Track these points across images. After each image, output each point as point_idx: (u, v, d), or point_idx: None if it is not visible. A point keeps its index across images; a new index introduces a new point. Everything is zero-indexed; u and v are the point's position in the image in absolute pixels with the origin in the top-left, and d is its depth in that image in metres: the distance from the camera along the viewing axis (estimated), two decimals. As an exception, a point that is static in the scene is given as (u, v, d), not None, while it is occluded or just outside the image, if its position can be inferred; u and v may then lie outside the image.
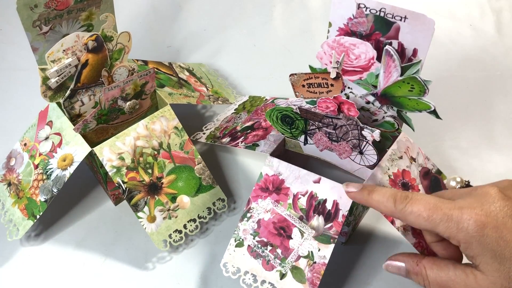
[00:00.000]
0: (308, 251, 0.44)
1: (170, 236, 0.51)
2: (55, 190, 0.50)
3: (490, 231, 0.33)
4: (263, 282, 0.45)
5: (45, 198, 0.50)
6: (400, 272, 0.40)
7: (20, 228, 0.52)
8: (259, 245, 0.46)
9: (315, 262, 0.44)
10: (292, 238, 0.45)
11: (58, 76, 0.50)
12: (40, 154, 0.52)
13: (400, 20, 0.42)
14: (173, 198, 0.52)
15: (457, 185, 0.41)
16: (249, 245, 0.46)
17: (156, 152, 0.52)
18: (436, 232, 0.35)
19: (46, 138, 0.53)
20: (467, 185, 0.42)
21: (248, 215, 0.47)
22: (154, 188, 0.51)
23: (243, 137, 0.56)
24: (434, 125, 0.65)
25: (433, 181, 0.49)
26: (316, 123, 0.50)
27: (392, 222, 0.44)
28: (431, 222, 0.35)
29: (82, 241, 0.55)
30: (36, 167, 0.52)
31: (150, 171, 0.51)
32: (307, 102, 0.50)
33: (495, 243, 0.33)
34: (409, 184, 0.47)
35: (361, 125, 0.46)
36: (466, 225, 0.33)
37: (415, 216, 0.35)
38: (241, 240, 0.47)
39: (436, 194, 0.39)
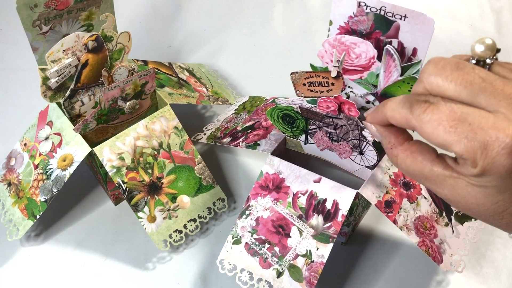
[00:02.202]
0: (306, 250, 0.44)
1: (170, 236, 0.51)
2: (55, 190, 0.50)
3: None
4: (260, 280, 0.45)
5: (45, 198, 0.50)
6: (376, 137, 0.33)
7: (20, 228, 0.52)
8: (257, 243, 0.46)
9: (313, 261, 0.44)
10: (290, 237, 0.45)
11: (58, 76, 0.50)
12: (40, 154, 0.52)
13: (400, 19, 0.42)
14: (173, 198, 0.52)
15: (484, 54, 0.28)
16: (246, 243, 0.46)
17: (156, 152, 0.52)
18: (451, 150, 0.26)
19: (46, 138, 0.53)
20: (495, 56, 0.29)
21: (247, 212, 0.47)
22: (154, 188, 0.51)
23: (244, 137, 0.56)
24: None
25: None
26: (317, 122, 0.50)
27: (394, 222, 0.44)
28: (451, 136, 0.26)
29: (82, 241, 0.55)
30: (36, 167, 0.52)
31: (150, 171, 0.51)
32: (307, 102, 0.50)
33: None
34: (411, 183, 0.47)
35: (362, 125, 0.46)
36: (495, 155, 0.25)
37: (433, 126, 0.26)
38: (238, 237, 0.47)
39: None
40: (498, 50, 0.28)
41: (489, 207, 0.27)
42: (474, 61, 0.28)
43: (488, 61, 0.28)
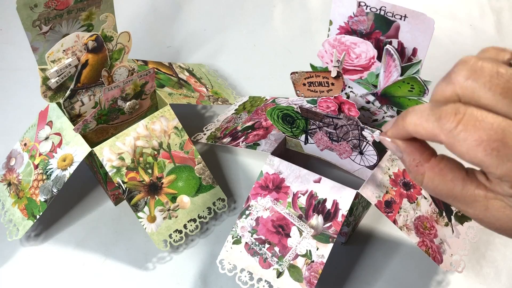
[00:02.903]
0: (306, 250, 0.44)
1: (170, 236, 0.51)
2: (55, 190, 0.50)
3: None
4: (260, 280, 0.45)
5: (45, 198, 0.50)
6: (396, 154, 0.29)
7: (20, 228, 0.52)
8: (257, 243, 0.46)
9: (313, 261, 0.44)
10: (290, 237, 0.45)
11: (58, 76, 0.50)
12: (40, 154, 0.52)
13: (400, 19, 0.42)
14: (173, 198, 0.52)
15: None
16: (246, 243, 0.46)
17: (156, 152, 0.52)
18: (489, 171, 0.24)
19: (46, 138, 0.53)
20: None
21: (247, 212, 0.47)
22: (154, 188, 0.51)
23: (244, 137, 0.56)
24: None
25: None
26: (317, 122, 0.50)
27: (394, 222, 0.44)
28: (493, 159, 0.23)
29: (82, 241, 0.55)
30: (36, 167, 0.52)
31: (150, 171, 0.51)
32: (307, 102, 0.50)
33: None
34: (411, 183, 0.47)
35: (362, 125, 0.46)
36: None
37: (470, 146, 0.23)
38: (238, 237, 0.47)
39: None
40: None
41: None
42: None
43: None
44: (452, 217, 0.50)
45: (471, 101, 0.23)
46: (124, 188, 0.50)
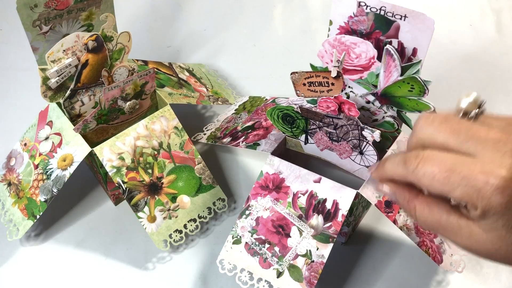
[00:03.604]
0: (306, 250, 0.44)
1: (170, 236, 0.51)
2: (55, 190, 0.50)
3: None
4: (260, 280, 0.45)
5: (45, 198, 0.50)
6: (391, 198, 0.35)
7: (20, 228, 0.52)
8: (257, 243, 0.46)
9: (313, 261, 0.44)
10: (290, 237, 0.45)
11: (58, 76, 0.50)
12: (40, 154, 0.52)
13: (400, 19, 0.42)
14: (173, 198, 0.52)
15: (470, 107, 0.31)
16: (246, 243, 0.46)
17: (156, 152, 0.52)
18: (451, 197, 0.29)
19: (46, 138, 0.53)
20: (480, 109, 0.31)
21: (247, 212, 0.47)
22: (154, 188, 0.51)
23: (244, 137, 0.56)
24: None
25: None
26: (317, 122, 0.50)
27: (394, 222, 0.44)
28: (447, 186, 0.28)
29: (82, 241, 0.55)
30: (36, 167, 0.52)
31: (150, 171, 0.51)
32: (308, 102, 0.50)
33: None
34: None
35: (362, 125, 0.46)
36: (490, 196, 0.27)
37: (429, 179, 0.29)
38: (238, 237, 0.47)
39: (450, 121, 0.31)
40: (482, 103, 0.31)
41: (507, 249, 0.28)
42: (461, 115, 0.31)
43: (473, 113, 0.30)
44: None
45: (430, 144, 0.30)
46: (124, 188, 0.50)
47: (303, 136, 0.52)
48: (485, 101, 0.31)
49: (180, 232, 0.52)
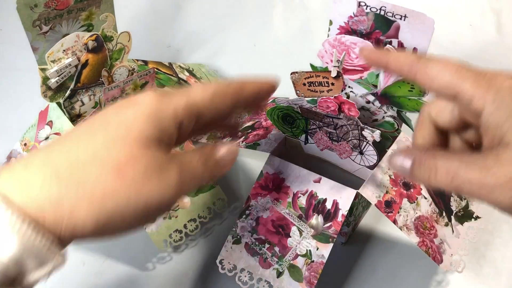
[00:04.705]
0: (306, 250, 0.44)
1: (170, 236, 0.51)
2: (55, 190, 0.50)
3: None
4: (260, 280, 0.45)
5: (45, 198, 0.50)
6: (404, 166, 0.31)
7: (20, 228, 0.52)
8: (257, 243, 0.46)
9: (313, 261, 0.44)
10: (290, 237, 0.45)
11: (58, 76, 0.50)
12: (40, 154, 0.52)
13: (400, 19, 0.42)
14: (173, 198, 0.52)
15: None
16: (246, 243, 0.46)
17: (156, 152, 0.52)
18: (461, 90, 0.29)
19: (46, 138, 0.53)
20: None
21: (247, 212, 0.47)
22: (154, 188, 0.51)
23: (243, 137, 0.56)
24: (434, 125, 0.65)
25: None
26: (317, 122, 0.50)
27: (394, 222, 0.44)
28: (458, 74, 0.29)
29: (82, 241, 0.55)
30: (36, 167, 0.52)
31: (150, 171, 0.51)
32: (308, 102, 0.50)
33: None
34: (410, 183, 0.47)
35: (362, 125, 0.46)
36: (500, 83, 0.28)
37: (438, 69, 0.30)
38: (238, 237, 0.47)
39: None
40: None
41: None
42: None
43: None
44: (452, 217, 0.50)
45: None
46: (124, 188, 0.50)
47: (303, 136, 0.52)
48: None
49: (180, 232, 0.52)
